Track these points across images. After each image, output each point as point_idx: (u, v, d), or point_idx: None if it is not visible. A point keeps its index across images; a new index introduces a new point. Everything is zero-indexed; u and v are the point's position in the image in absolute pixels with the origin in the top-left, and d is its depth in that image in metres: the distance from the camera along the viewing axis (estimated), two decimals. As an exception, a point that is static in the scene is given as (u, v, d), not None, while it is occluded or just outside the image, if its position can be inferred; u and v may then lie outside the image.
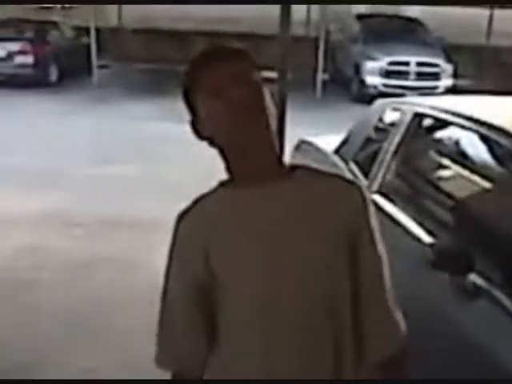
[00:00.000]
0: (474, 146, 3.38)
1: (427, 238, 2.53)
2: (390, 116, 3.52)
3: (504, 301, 2.06)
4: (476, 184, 3.04)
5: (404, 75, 12.25)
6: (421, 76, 12.30)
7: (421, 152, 3.46)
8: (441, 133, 3.54)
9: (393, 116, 3.45)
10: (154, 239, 4.36)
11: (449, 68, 12.53)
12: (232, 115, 1.24)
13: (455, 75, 12.65)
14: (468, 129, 2.76)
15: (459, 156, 3.44)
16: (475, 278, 2.18)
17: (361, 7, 17.66)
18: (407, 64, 12.29)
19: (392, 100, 3.80)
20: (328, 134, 4.28)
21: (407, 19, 14.50)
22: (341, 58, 13.88)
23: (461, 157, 3.43)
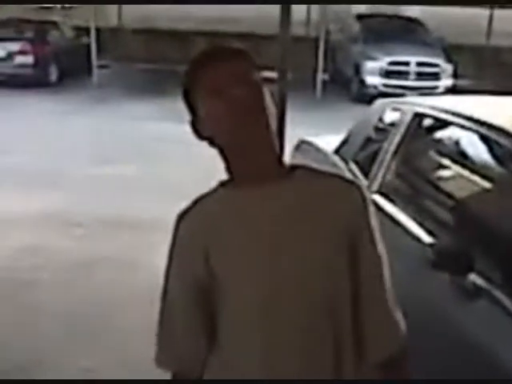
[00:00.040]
0: (474, 146, 3.38)
1: (427, 238, 2.53)
2: (390, 116, 3.52)
3: (504, 301, 2.06)
4: (476, 184, 3.04)
5: (404, 75, 12.25)
6: (421, 76, 12.30)
7: (421, 152, 3.46)
8: (441, 133, 3.54)
9: (393, 116, 3.45)
10: (154, 239, 4.36)
11: (449, 68, 12.53)
12: (232, 115, 1.24)
13: (455, 75, 12.65)
14: (468, 129, 2.76)
15: (459, 156, 3.44)
16: (475, 278, 2.18)
17: (361, 7, 17.66)
18: (407, 64, 12.29)
19: (392, 100, 3.81)
20: (328, 134, 4.28)
21: (407, 19, 14.50)
22: (341, 58, 13.88)
23: (461, 157, 3.43)
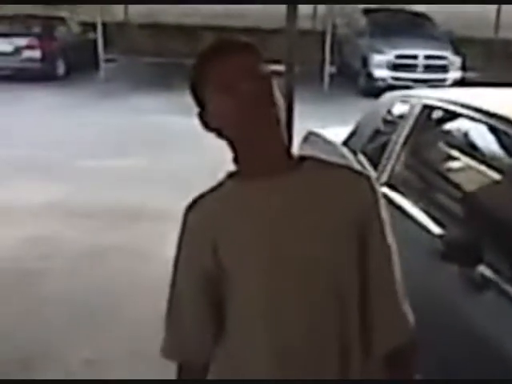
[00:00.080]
0: (483, 138, 3.36)
1: (436, 230, 2.52)
2: (399, 108, 3.51)
3: (513, 293, 2.05)
4: (485, 175, 3.03)
5: (412, 68, 12.19)
6: (429, 69, 12.24)
7: (430, 144, 3.44)
8: (450, 124, 3.52)
9: (401, 108, 3.44)
10: (164, 229, 4.36)
11: (457, 60, 12.46)
12: (241, 110, 1.22)
13: (463, 68, 12.59)
14: (477, 120, 2.75)
15: (468, 147, 3.42)
16: (484, 270, 2.17)
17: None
18: (415, 57, 12.23)
19: (401, 93, 3.79)
20: (336, 126, 4.28)
21: (414, 14, 14.40)
22: (348, 52, 13.83)
23: (470, 148, 3.42)
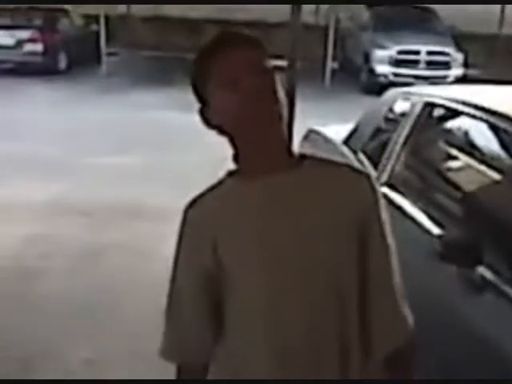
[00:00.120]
0: (484, 137, 3.35)
1: (436, 230, 2.51)
2: (400, 106, 3.50)
3: (512, 294, 2.05)
4: (485, 175, 3.02)
5: (414, 64, 12.15)
6: (431, 65, 12.19)
7: (430, 143, 3.43)
8: (451, 123, 3.51)
9: (403, 106, 3.42)
10: (163, 227, 4.36)
11: (459, 57, 12.40)
12: (245, 105, 1.21)
13: (466, 64, 12.54)
14: (478, 118, 2.74)
15: (469, 146, 3.42)
16: (483, 271, 2.17)
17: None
18: (417, 53, 12.18)
19: (402, 90, 3.77)
20: (336, 124, 4.27)
21: (417, 8, 14.34)
22: (350, 47, 13.79)
23: (470, 147, 3.41)
